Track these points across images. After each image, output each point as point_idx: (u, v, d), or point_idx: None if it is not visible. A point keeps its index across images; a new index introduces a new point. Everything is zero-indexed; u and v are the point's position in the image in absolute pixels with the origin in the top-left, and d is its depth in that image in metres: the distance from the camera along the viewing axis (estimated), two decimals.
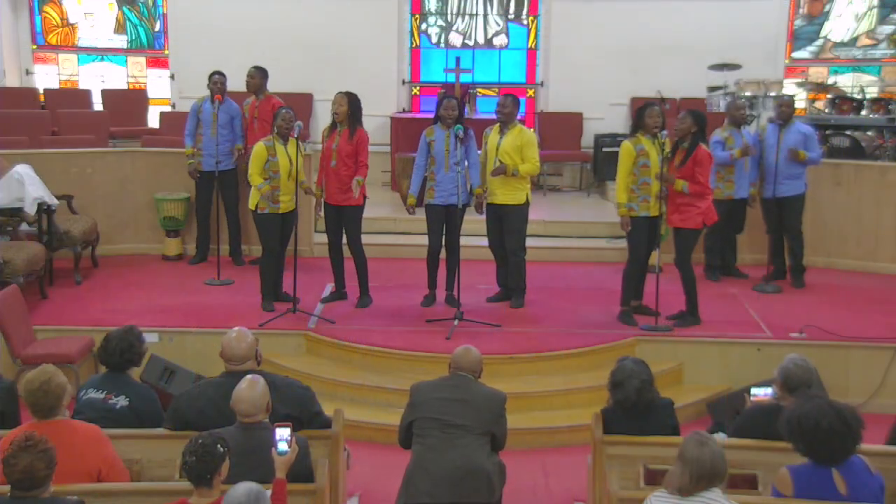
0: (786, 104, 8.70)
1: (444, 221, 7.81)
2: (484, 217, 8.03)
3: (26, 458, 3.58)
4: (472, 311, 7.70)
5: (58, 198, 8.73)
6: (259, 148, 7.68)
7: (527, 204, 7.83)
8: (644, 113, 7.42)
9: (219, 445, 3.81)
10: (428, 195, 7.82)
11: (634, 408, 4.83)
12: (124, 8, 12.93)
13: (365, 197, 7.90)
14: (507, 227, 7.80)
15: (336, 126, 7.78)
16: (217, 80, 9.06)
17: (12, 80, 12.59)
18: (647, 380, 4.83)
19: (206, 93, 9.11)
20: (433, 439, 4.82)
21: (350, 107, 7.70)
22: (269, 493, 4.05)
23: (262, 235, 7.95)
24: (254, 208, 7.78)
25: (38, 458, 3.59)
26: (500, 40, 12.97)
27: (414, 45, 12.87)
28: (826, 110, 11.55)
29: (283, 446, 4.10)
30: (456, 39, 12.97)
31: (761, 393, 4.96)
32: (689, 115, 7.46)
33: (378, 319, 7.72)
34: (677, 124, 7.47)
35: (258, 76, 9.10)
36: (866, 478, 4.04)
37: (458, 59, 12.14)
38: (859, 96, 11.54)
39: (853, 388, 7.15)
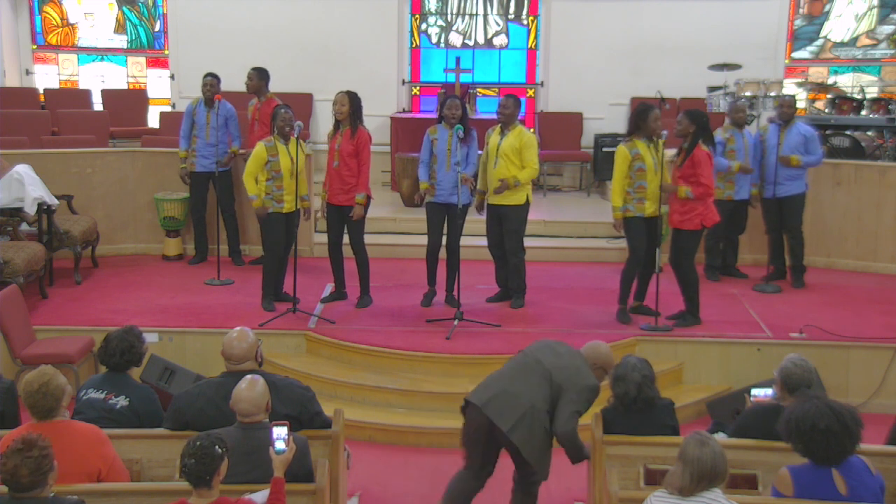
0: (787, 104, 8.70)
1: (445, 220, 7.82)
2: (483, 217, 8.04)
3: (14, 460, 3.58)
4: (472, 311, 7.70)
5: (58, 198, 8.74)
6: (259, 149, 7.68)
7: (527, 204, 7.83)
8: (649, 116, 7.37)
9: (217, 447, 3.81)
10: (430, 193, 7.83)
11: (634, 404, 4.83)
12: (124, 8, 12.94)
13: (369, 198, 7.88)
14: (507, 227, 7.81)
15: (338, 126, 7.78)
16: (208, 83, 9.05)
17: (12, 80, 12.60)
18: (649, 376, 4.84)
19: (201, 95, 9.11)
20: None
21: (351, 106, 7.71)
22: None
23: (265, 236, 7.94)
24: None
25: (24, 462, 3.57)
26: (500, 40, 12.97)
27: (414, 45, 12.88)
28: (826, 110, 11.56)
29: (280, 445, 4.09)
30: (456, 39, 12.97)
31: (761, 393, 4.97)
32: (686, 115, 7.44)
33: (378, 319, 7.72)
34: (676, 126, 7.47)
35: (256, 78, 9.07)
36: (866, 478, 4.04)
37: (458, 59, 12.14)
38: (859, 96, 11.55)
39: (853, 388, 7.15)
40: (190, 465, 3.77)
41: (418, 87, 12.91)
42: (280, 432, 4.11)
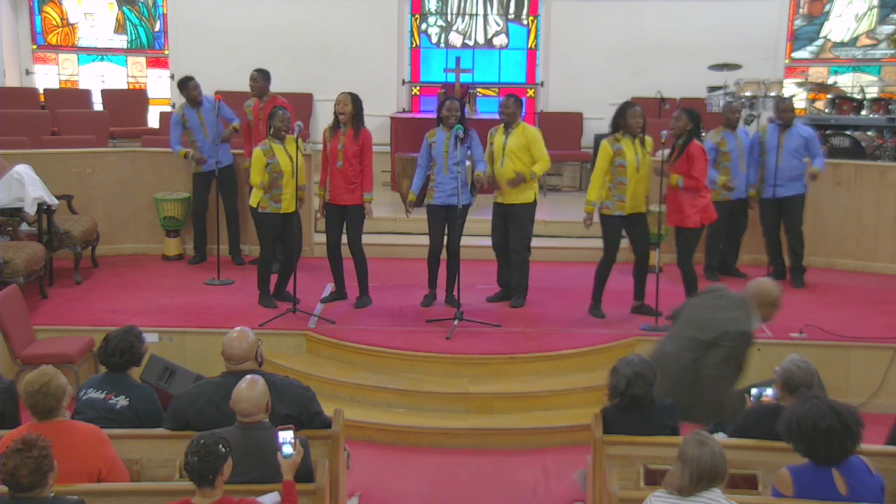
0: (787, 108, 8.67)
1: (445, 222, 7.83)
2: (483, 210, 8.05)
3: (14, 460, 3.59)
4: (472, 311, 7.70)
5: (58, 198, 8.73)
6: (257, 153, 7.69)
7: (535, 202, 7.88)
8: (626, 113, 7.45)
9: (221, 446, 3.82)
10: (428, 196, 7.84)
11: (622, 398, 4.83)
12: (124, 8, 12.94)
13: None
14: (514, 224, 7.83)
15: (340, 126, 7.78)
16: (196, 85, 9.08)
17: (12, 80, 12.60)
18: (642, 374, 4.81)
19: (193, 98, 9.09)
20: None
21: (354, 106, 7.72)
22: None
23: (260, 234, 7.95)
24: (255, 206, 7.78)
25: (24, 462, 3.58)
26: (500, 40, 12.97)
27: (414, 45, 12.88)
28: (826, 110, 11.55)
29: (287, 449, 4.11)
30: (456, 39, 12.97)
31: (761, 393, 4.96)
32: (683, 113, 7.50)
33: (378, 319, 7.72)
34: (673, 122, 7.53)
35: (261, 79, 9.06)
36: (866, 478, 4.04)
37: (458, 59, 12.15)
38: (859, 96, 11.54)
39: (853, 388, 7.15)
40: (193, 462, 3.77)
41: (418, 87, 12.91)
42: (286, 436, 4.12)
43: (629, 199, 7.51)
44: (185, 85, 9.09)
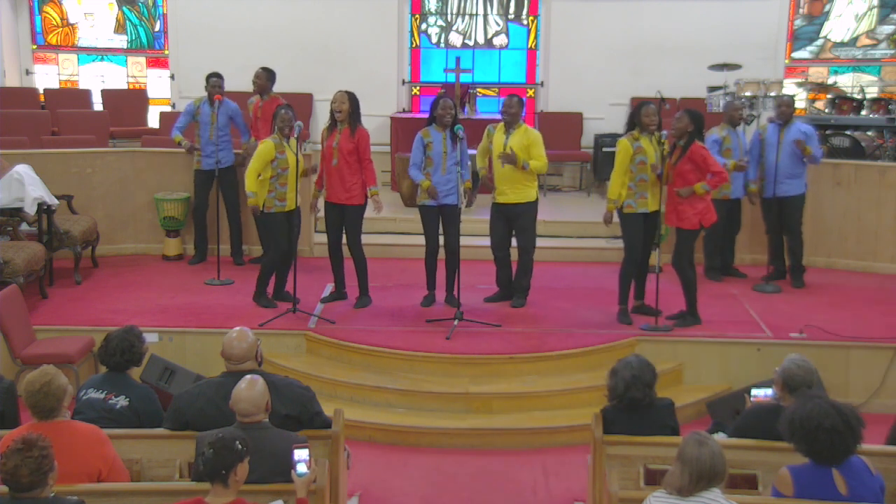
0: (785, 104, 8.71)
1: (440, 222, 7.82)
2: (482, 210, 8.03)
3: (14, 460, 3.59)
4: (472, 311, 7.70)
5: (58, 198, 8.74)
6: (267, 145, 7.68)
7: (537, 201, 7.87)
8: (640, 112, 7.47)
9: (238, 442, 3.82)
10: (421, 196, 7.82)
11: (620, 401, 4.83)
12: (124, 8, 12.94)
13: (367, 198, 7.89)
14: (520, 225, 7.83)
15: (336, 125, 7.79)
16: (215, 83, 9.10)
17: (12, 80, 12.60)
18: (640, 377, 4.81)
19: (204, 94, 9.14)
20: None
21: (351, 105, 7.73)
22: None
23: (267, 234, 7.94)
24: (261, 207, 7.78)
25: (24, 462, 3.58)
26: (500, 40, 12.97)
27: (414, 45, 12.88)
28: (826, 110, 11.56)
29: (302, 468, 4.10)
30: (456, 39, 12.97)
31: (761, 393, 4.97)
32: (685, 114, 7.49)
33: (378, 319, 7.72)
34: (674, 123, 7.51)
35: (264, 77, 9.12)
36: (866, 478, 4.04)
37: (458, 59, 12.14)
38: (859, 96, 11.54)
39: (853, 388, 7.15)
40: (208, 455, 3.77)
41: (418, 87, 12.91)
42: (301, 455, 4.11)
43: (650, 196, 7.49)
44: (208, 80, 9.15)
